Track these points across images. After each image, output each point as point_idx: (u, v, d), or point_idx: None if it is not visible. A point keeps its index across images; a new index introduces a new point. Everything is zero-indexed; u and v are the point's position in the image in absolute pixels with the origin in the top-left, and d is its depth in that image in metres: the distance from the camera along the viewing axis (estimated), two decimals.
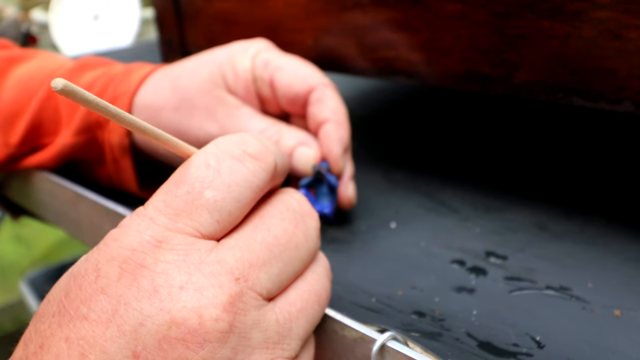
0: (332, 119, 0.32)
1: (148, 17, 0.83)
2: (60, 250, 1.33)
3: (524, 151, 0.42)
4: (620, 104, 0.26)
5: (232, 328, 0.18)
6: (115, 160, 0.35)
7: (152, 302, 0.17)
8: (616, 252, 0.30)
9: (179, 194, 0.19)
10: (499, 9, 0.28)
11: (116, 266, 0.18)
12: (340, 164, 0.31)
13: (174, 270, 0.18)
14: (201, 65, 0.33)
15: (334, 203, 0.32)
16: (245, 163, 0.20)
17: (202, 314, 0.18)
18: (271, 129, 0.32)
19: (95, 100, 0.17)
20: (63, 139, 0.36)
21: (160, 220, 0.19)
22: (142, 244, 0.18)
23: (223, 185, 0.20)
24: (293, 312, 0.21)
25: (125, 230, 0.19)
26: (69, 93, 0.16)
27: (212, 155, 0.20)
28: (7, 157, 0.38)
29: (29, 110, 0.37)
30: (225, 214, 0.20)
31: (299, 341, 0.21)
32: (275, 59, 0.33)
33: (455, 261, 0.30)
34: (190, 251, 0.19)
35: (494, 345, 0.24)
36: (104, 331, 0.17)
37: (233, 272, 0.19)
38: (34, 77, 0.38)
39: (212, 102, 0.32)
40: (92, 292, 0.18)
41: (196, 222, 0.19)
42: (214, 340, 0.18)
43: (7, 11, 1.02)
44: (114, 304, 0.17)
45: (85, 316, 0.17)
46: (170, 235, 0.19)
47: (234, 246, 0.20)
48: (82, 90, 0.16)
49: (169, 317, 0.17)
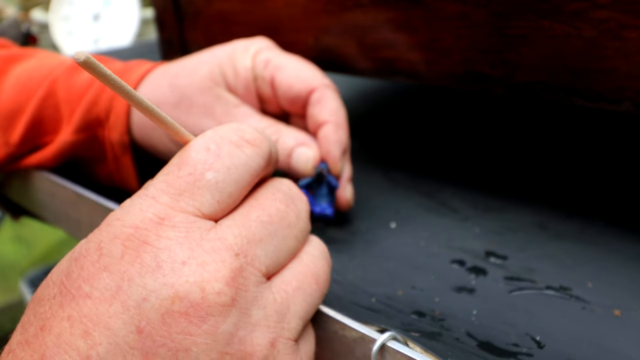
0: (332, 120, 0.32)
1: (148, 17, 0.83)
2: (60, 250, 1.32)
3: (524, 151, 0.42)
4: (620, 104, 0.26)
5: (234, 302, 0.18)
6: (116, 158, 0.35)
7: (156, 277, 0.18)
8: (616, 252, 0.30)
9: (181, 175, 0.20)
10: (499, 9, 0.28)
11: (119, 244, 0.18)
12: (339, 165, 0.31)
13: (176, 246, 0.18)
14: (201, 64, 0.33)
15: (333, 204, 0.32)
16: (242, 148, 0.21)
17: (204, 288, 0.18)
18: (270, 128, 0.32)
19: (112, 77, 0.18)
20: (63, 136, 0.36)
21: (163, 199, 0.19)
22: (145, 222, 0.19)
23: (223, 168, 0.20)
24: (289, 291, 0.21)
25: (128, 209, 0.19)
26: (89, 66, 0.17)
27: (211, 140, 0.21)
28: (7, 157, 0.38)
29: (28, 109, 0.37)
30: (226, 195, 0.20)
31: (298, 321, 0.21)
32: (276, 58, 0.33)
33: (455, 261, 0.30)
34: (191, 229, 0.19)
35: (494, 345, 0.24)
36: (108, 308, 0.17)
37: (233, 248, 0.19)
38: (33, 76, 0.38)
39: (210, 100, 0.32)
40: (94, 270, 0.18)
41: (198, 202, 0.20)
42: (216, 314, 0.18)
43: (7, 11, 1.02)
44: (118, 281, 0.17)
45: (88, 294, 0.17)
46: (173, 213, 0.19)
47: (232, 225, 0.20)
48: (102, 65, 0.17)
49: (172, 291, 0.18)
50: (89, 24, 0.82)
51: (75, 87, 0.36)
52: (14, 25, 0.86)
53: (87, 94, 0.35)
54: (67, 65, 0.38)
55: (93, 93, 0.35)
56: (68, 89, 0.36)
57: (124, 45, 0.78)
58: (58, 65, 0.38)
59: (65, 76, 0.37)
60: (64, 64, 0.39)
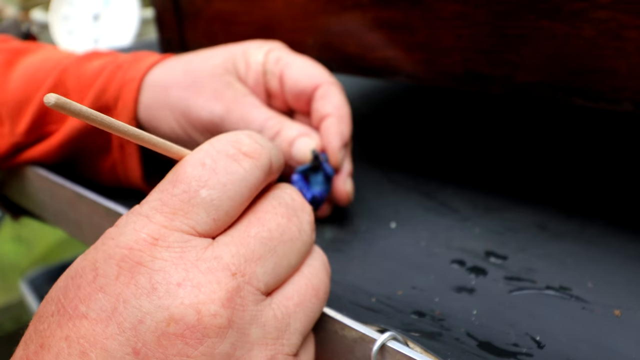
0: (335, 114, 0.32)
1: (148, 17, 0.83)
2: (60, 250, 1.32)
3: (524, 151, 0.42)
4: (620, 104, 0.26)
5: (231, 323, 0.18)
6: (122, 146, 0.35)
7: (151, 299, 0.18)
8: (616, 252, 0.30)
9: (176, 193, 0.19)
10: (499, 9, 0.28)
11: (114, 264, 0.18)
12: (339, 156, 0.32)
13: (171, 268, 0.18)
14: (215, 54, 0.35)
15: (327, 193, 0.32)
16: (240, 162, 0.21)
17: (200, 310, 0.18)
18: (273, 119, 0.32)
19: (88, 112, 0.17)
20: (71, 123, 0.36)
21: (157, 219, 0.19)
22: (139, 242, 0.18)
23: (219, 184, 0.20)
24: (290, 306, 0.21)
25: (122, 229, 0.19)
26: (61, 106, 0.16)
27: (207, 155, 0.20)
28: (13, 146, 0.38)
29: (36, 98, 0.37)
30: (222, 212, 0.20)
31: (298, 336, 0.21)
32: (286, 56, 0.34)
33: (455, 261, 0.30)
34: (186, 248, 0.19)
35: (493, 345, 0.24)
36: (104, 329, 0.17)
37: (230, 268, 0.19)
38: (41, 68, 0.38)
39: (221, 85, 0.33)
40: (90, 290, 0.18)
41: (192, 221, 0.19)
42: (212, 336, 0.18)
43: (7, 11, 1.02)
44: (113, 302, 0.17)
45: (84, 315, 0.17)
46: (167, 233, 0.19)
47: (229, 242, 0.20)
48: (74, 103, 0.17)
49: (168, 313, 0.17)
50: (89, 24, 0.82)
51: (85, 76, 0.36)
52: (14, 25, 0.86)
53: (96, 82, 0.36)
54: (76, 57, 0.39)
55: (102, 81, 0.35)
56: (78, 77, 0.37)
57: (124, 45, 0.78)
58: (66, 57, 0.39)
59: (75, 65, 0.37)
60: (72, 55, 0.39)
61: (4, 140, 0.38)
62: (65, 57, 0.39)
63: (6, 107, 0.38)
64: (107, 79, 0.35)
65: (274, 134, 0.32)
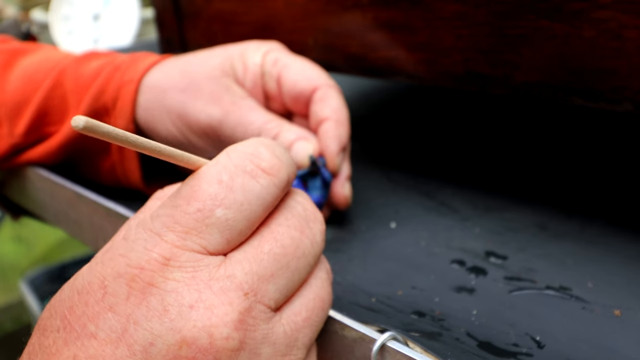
0: (333, 117, 0.32)
1: (148, 17, 0.83)
2: (60, 250, 1.33)
3: (524, 151, 0.42)
4: (620, 104, 0.26)
5: (243, 345, 0.18)
6: (121, 148, 0.35)
7: (162, 322, 0.17)
8: (616, 252, 0.30)
9: (190, 211, 0.19)
10: (499, 9, 0.28)
11: (124, 284, 0.18)
12: (337, 160, 0.32)
13: (184, 289, 0.18)
14: (212, 56, 0.35)
15: (325, 198, 0.32)
16: (258, 179, 0.20)
17: (212, 333, 0.18)
18: (272, 122, 0.32)
19: (115, 132, 0.16)
20: (70, 125, 0.36)
21: (169, 237, 0.18)
22: (150, 262, 0.18)
23: (235, 204, 0.19)
24: (299, 322, 0.20)
25: (132, 244, 0.19)
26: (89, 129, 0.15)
27: (225, 170, 0.20)
28: (12, 148, 0.38)
29: (35, 99, 0.37)
30: (236, 232, 0.19)
31: (304, 350, 0.21)
32: (285, 58, 0.34)
33: (455, 261, 0.30)
34: (199, 268, 0.18)
35: (493, 345, 0.24)
36: (114, 350, 0.17)
37: (242, 287, 0.19)
38: (40, 68, 0.38)
39: (219, 88, 0.33)
40: (99, 309, 0.17)
41: (205, 241, 0.19)
42: (224, 359, 0.18)
43: (7, 11, 1.02)
44: (123, 323, 0.17)
45: (93, 334, 0.17)
46: (179, 252, 0.18)
47: (242, 259, 0.19)
48: (103, 124, 0.16)
49: (180, 336, 0.17)
50: (89, 24, 0.82)
51: (83, 77, 0.36)
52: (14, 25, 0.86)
53: (94, 83, 0.36)
54: (74, 57, 0.38)
55: (101, 82, 0.35)
56: (76, 78, 0.37)
57: (124, 45, 0.78)
58: (65, 57, 0.39)
59: (74, 66, 0.37)
60: (71, 55, 0.39)
61: (3, 142, 0.38)
62: (63, 58, 0.39)
63: (5, 108, 0.38)
64: (105, 80, 0.35)
65: (273, 137, 0.32)
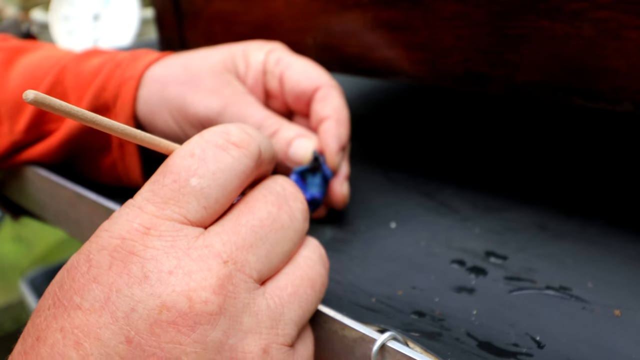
0: (333, 116, 0.32)
1: (148, 17, 0.83)
2: (60, 250, 1.32)
3: (524, 151, 0.42)
4: (620, 104, 0.26)
5: (222, 310, 0.18)
6: (121, 145, 0.35)
7: (143, 288, 0.18)
8: (616, 252, 0.30)
9: (166, 183, 0.20)
10: (499, 9, 0.28)
11: (107, 255, 0.18)
12: (336, 159, 0.32)
13: (163, 256, 0.18)
14: (215, 52, 0.35)
15: (324, 195, 0.32)
16: (229, 151, 0.21)
17: (191, 297, 0.18)
18: (271, 119, 0.32)
19: (69, 108, 0.17)
20: (70, 122, 0.36)
21: (148, 209, 0.19)
22: (131, 232, 0.19)
23: (208, 173, 0.20)
24: (284, 296, 0.21)
25: (115, 220, 0.19)
26: (40, 102, 0.16)
27: (196, 145, 0.21)
28: (12, 145, 0.38)
29: None
30: (212, 200, 0.20)
31: (293, 327, 0.21)
32: (287, 57, 0.34)
33: (455, 261, 0.30)
34: (177, 237, 0.19)
35: (493, 345, 0.24)
36: (97, 318, 0.17)
37: (221, 256, 0.19)
38: (41, 66, 0.38)
39: (220, 82, 0.33)
40: (84, 281, 0.18)
41: (184, 209, 0.19)
42: (204, 323, 0.18)
43: (7, 11, 1.02)
44: (106, 292, 0.18)
45: (78, 305, 0.18)
46: (158, 222, 0.19)
47: (220, 231, 0.20)
48: (54, 99, 0.17)
49: (159, 301, 0.18)
50: (89, 24, 0.82)
51: (84, 74, 0.36)
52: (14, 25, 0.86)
53: (95, 80, 0.36)
54: (76, 54, 0.38)
55: (101, 79, 0.35)
56: (76, 75, 0.37)
57: (124, 45, 0.78)
58: (65, 55, 0.39)
59: (74, 64, 0.37)
60: (71, 53, 0.39)
61: (4, 139, 0.38)
62: (64, 55, 0.39)
63: (5, 106, 0.38)
64: (105, 77, 0.35)
65: (272, 133, 0.32)
